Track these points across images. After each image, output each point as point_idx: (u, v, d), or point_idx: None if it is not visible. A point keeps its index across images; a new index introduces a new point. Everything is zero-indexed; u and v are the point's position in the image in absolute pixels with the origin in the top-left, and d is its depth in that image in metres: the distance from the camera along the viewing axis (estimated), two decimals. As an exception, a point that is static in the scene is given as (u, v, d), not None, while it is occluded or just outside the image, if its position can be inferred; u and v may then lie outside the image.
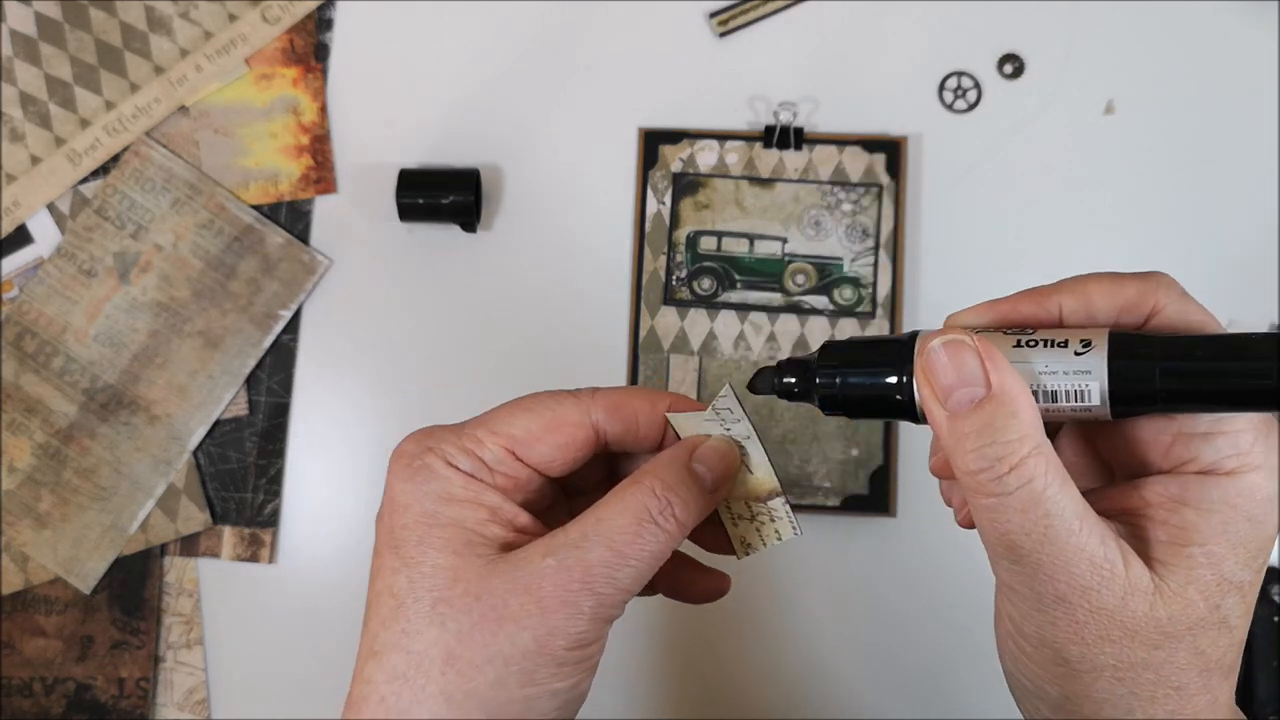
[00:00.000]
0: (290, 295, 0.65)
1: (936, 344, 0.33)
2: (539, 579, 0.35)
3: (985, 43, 0.66)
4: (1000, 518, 0.33)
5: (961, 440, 0.33)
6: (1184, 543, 0.33)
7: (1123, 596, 0.33)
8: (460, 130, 0.66)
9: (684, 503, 0.37)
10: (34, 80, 0.66)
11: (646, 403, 0.39)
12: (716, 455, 0.38)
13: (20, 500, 0.63)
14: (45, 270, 0.65)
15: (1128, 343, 0.33)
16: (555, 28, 0.67)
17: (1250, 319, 0.64)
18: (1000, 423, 0.32)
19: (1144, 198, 0.65)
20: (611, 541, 0.35)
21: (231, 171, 0.66)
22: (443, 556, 0.35)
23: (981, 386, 0.33)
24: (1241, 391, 0.31)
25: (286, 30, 0.66)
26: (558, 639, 0.35)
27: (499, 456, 0.37)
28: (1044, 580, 0.33)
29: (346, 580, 0.64)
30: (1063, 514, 0.32)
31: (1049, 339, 0.33)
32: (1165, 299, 0.34)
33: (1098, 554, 0.32)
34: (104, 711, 0.63)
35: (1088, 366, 0.32)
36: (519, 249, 0.65)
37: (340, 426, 0.65)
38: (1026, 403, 0.32)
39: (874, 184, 0.64)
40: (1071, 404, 0.33)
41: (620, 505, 0.36)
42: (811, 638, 0.63)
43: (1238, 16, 0.66)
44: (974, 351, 0.33)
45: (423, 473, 0.37)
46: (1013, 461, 0.32)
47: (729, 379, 0.63)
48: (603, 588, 0.35)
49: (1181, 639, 0.33)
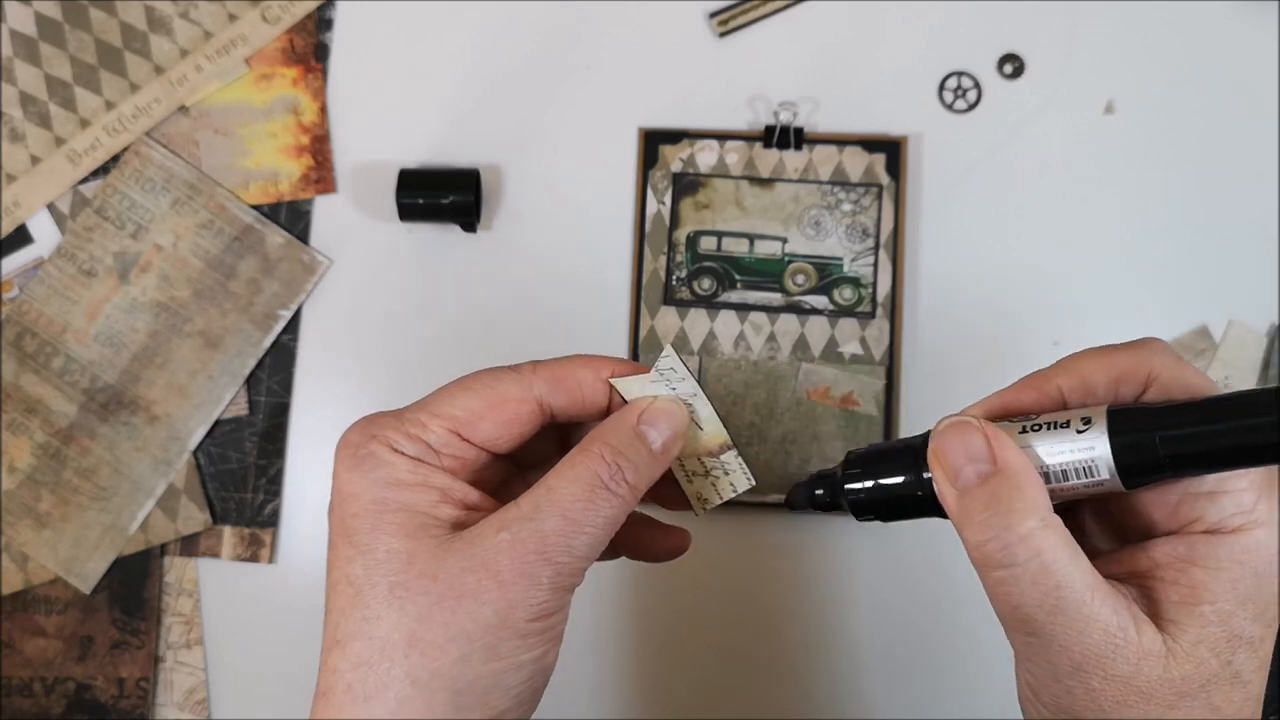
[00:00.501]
0: (290, 295, 0.65)
1: (944, 425, 0.35)
2: (494, 554, 0.35)
3: (985, 43, 0.66)
4: (1012, 590, 0.33)
5: (969, 514, 0.34)
6: (1194, 601, 0.34)
7: (1136, 662, 0.33)
8: (460, 130, 0.66)
9: (634, 466, 0.37)
10: (34, 80, 0.66)
11: (589, 371, 0.39)
12: (663, 415, 0.39)
13: (20, 500, 0.63)
14: (45, 270, 0.65)
15: (1125, 416, 0.34)
16: (555, 28, 0.67)
17: (1250, 319, 0.64)
18: (1005, 495, 0.33)
19: (1144, 198, 0.65)
20: (565, 510, 0.36)
21: (231, 171, 0.66)
22: (396, 541, 0.36)
23: (987, 463, 0.34)
24: (1242, 448, 0.32)
25: (286, 30, 0.66)
26: (518, 611, 0.35)
27: (443, 438, 0.38)
28: (1058, 651, 0.33)
29: (346, 580, 0.64)
30: (1073, 585, 0.33)
31: (1051, 421, 0.34)
32: (1160, 365, 0.35)
33: (1110, 623, 0.33)
34: (104, 711, 0.63)
35: (1090, 443, 0.34)
36: (519, 249, 0.65)
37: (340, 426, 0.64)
38: (1031, 477, 0.33)
39: (874, 184, 0.64)
40: (1083, 480, 0.34)
41: (571, 474, 0.36)
42: (811, 637, 0.63)
43: (1238, 16, 0.66)
44: (979, 431, 0.34)
45: (368, 461, 0.37)
46: (1020, 532, 0.33)
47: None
48: (559, 557, 0.35)
49: (1195, 696, 0.33)
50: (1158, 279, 0.64)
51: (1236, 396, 0.32)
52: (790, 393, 0.63)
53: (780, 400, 0.63)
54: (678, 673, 0.63)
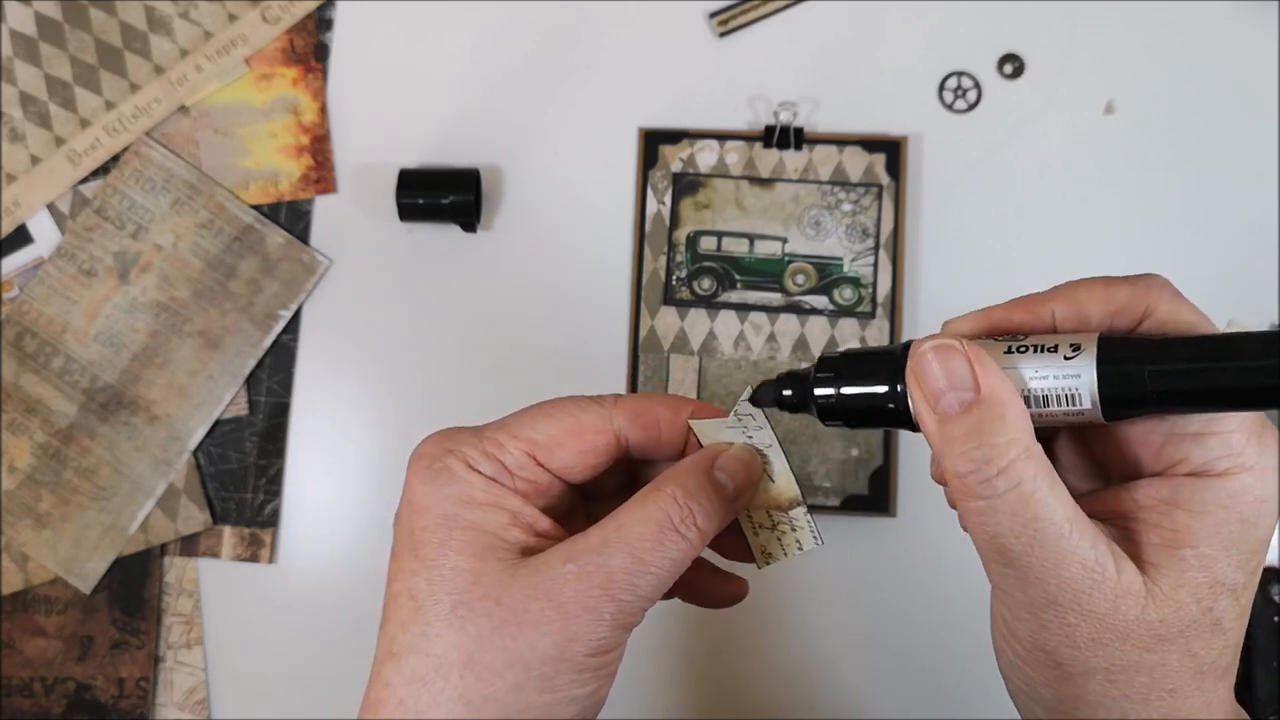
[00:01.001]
0: (290, 295, 0.65)
1: (926, 348, 0.34)
2: (560, 584, 0.35)
3: (985, 43, 0.66)
4: (989, 520, 0.33)
5: (950, 443, 0.33)
6: (1176, 545, 0.33)
7: (1114, 600, 0.33)
8: (460, 130, 0.66)
9: (705, 511, 0.37)
10: (34, 80, 0.66)
11: (669, 409, 0.39)
12: (739, 463, 0.38)
13: (20, 500, 0.63)
14: (45, 270, 0.65)
15: (1116, 345, 0.33)
16: (555, 28, 0.67)
17: (1250, 319, 0.64)
18: (988, 425, 0.32)
19: (1144, 198, 0.65)
20: (633, 548, 0.35)
21: (231, 171, 0.66)
22: (463, 559, 0.35)
23: (970, 390, 0.33)
24: (1232, 390, 0.31)
25: (286, 30, 0.66)
26: (578, 645, 0.34)
27: (520, 461, 0.37)
28: (1034, 584, 0.33)
29: (346, 580, 0.64)
30: (1052, 517, 0.32)
31: (1039, 344, 0.33)
32: (1158, 301, 0.34)
33: (1088, 557, 0.32)
34: (104, 711, 0.63)
35: (1077, 370, 0.33)
36: (519, 249, 0.65)
37: (340, 426, 0.65)
38: (1015, 406, 0.33)
39: (874, 184, 0.64)
40: (1063, 408, 0.33)
41: (642, 513, 0.36)
42: (812, 637, 0.63)
43: (1238, 16, 0.66)
44: (962, 356, 0.33)
45: (443, 475, 0.37)
46: (1001, 464, 0.32)
47: (748, 383, 0.63)
48: (624, 594, 0.35)
49: (1174, 641, 0.33)
50: (1158, 279, 0.64)
51: (1233, 337, 0.31)
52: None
53: (780, 400, 0.63)
54: (677, 672, 0.63)
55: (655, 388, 0.63)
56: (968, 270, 0.65)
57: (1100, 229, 0.65)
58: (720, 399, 0.63)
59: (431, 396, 0.65)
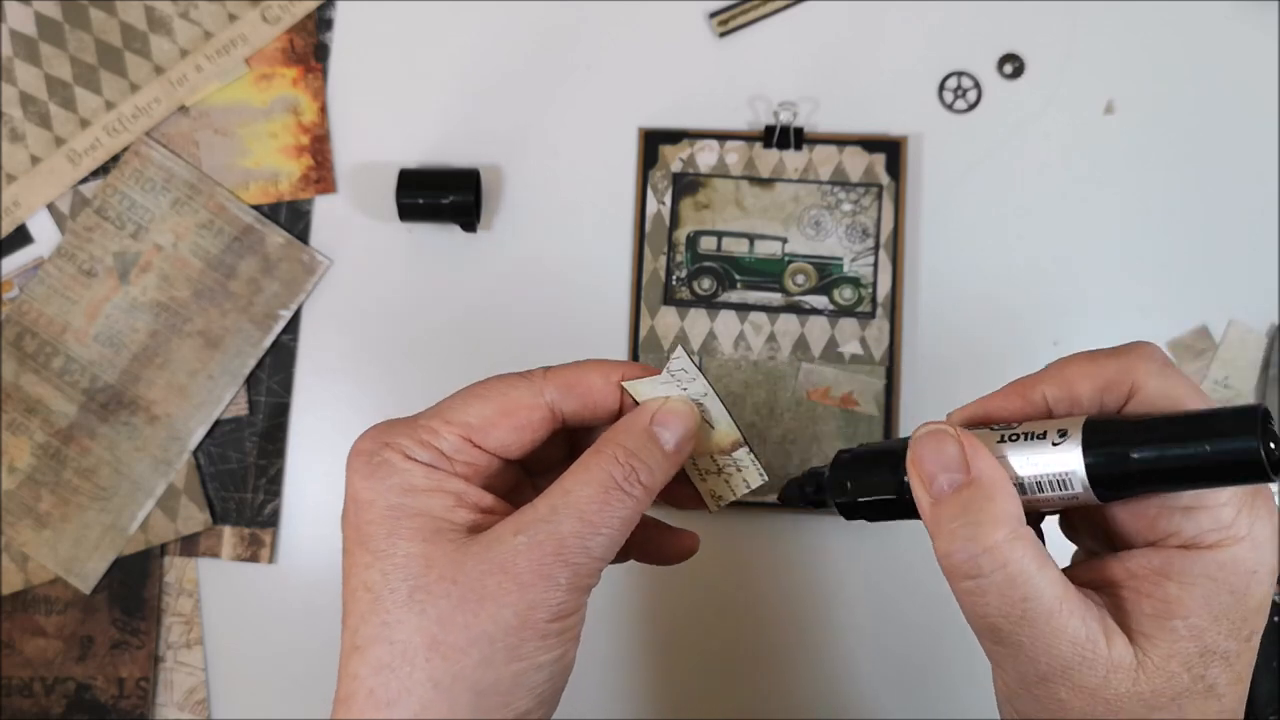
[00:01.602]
0: (290, 295, 0.65)
1: (922, 433, 0.35)
2: (513, 556, 0.35)
3: (985, 43, 0.66)
4: (979, 601, 0.33)
5: (940, 524, 0.34)
6: (1167, 615, 0.33)
7: (1105, 675, 0.33)
8: (460, 130, 0.66)
9: (648, 466, 0.37)
10: (34, 80, 0.66)
11: (600, 374, 0.40)
12: (675, 415, 0.39)
13: (20, 500, 0.63)
14: (45, 270, 0.65)
15: (1100, 429, 0.33)
16: (555, 28, 0.67)
17: (1250, 319, 0.64)
18: (976, 506, 0.33)
19: (1144, 198, 0.65)
20: (581, 512, 0.36)
21: (231, 171, 0.66)
22: (413, 545, 0.36)
23: (961, 473, 0.34)
24: (1214, 466, 0.32)
25: (286, 30, 0.66)
26: (538, 612, 0.35)
27: (456, 445, 0.38)
28: (1026, 661, 0.33)
29: (346, 580, 0.64)
30: (1041, 596, 0.33)
31: (1029, 432, 0.34)
32: (1145, 375, 0.34)
33: (1079, 634, 0.33)
34: (104, 711, 0.63)
35: (1064, 457, 0.33)
36: (519, 249, 0.65)
37: (340, 426, 0.65)
38: (1003, 489, 0.33)
39: (874, 184, 0.64)
40: (1057, 493, 0.34)
41: (586, 475, 0.37)
42: (811, 638, 0.63)
43: (1238, 16, 0.66)
44: (954, 440, 0.34)
45: (383, 468, 0.37)
46: (987, 544, 0.33)
47: (681, 345, 0.63)
48: (576, 558, 0.35)
49: (1166, 710, 0.33)
50: (1158, 279, 0.64)
51: (1209, 414, 0.32)
52: (790, 393, 0.63)
53: (780, 400, 0.63)
54: (677, 672, 0.63)
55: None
56: (968, 270, 0.65)
57: (1100, 229, 0.65)
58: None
59: (431, 396, 0.64)
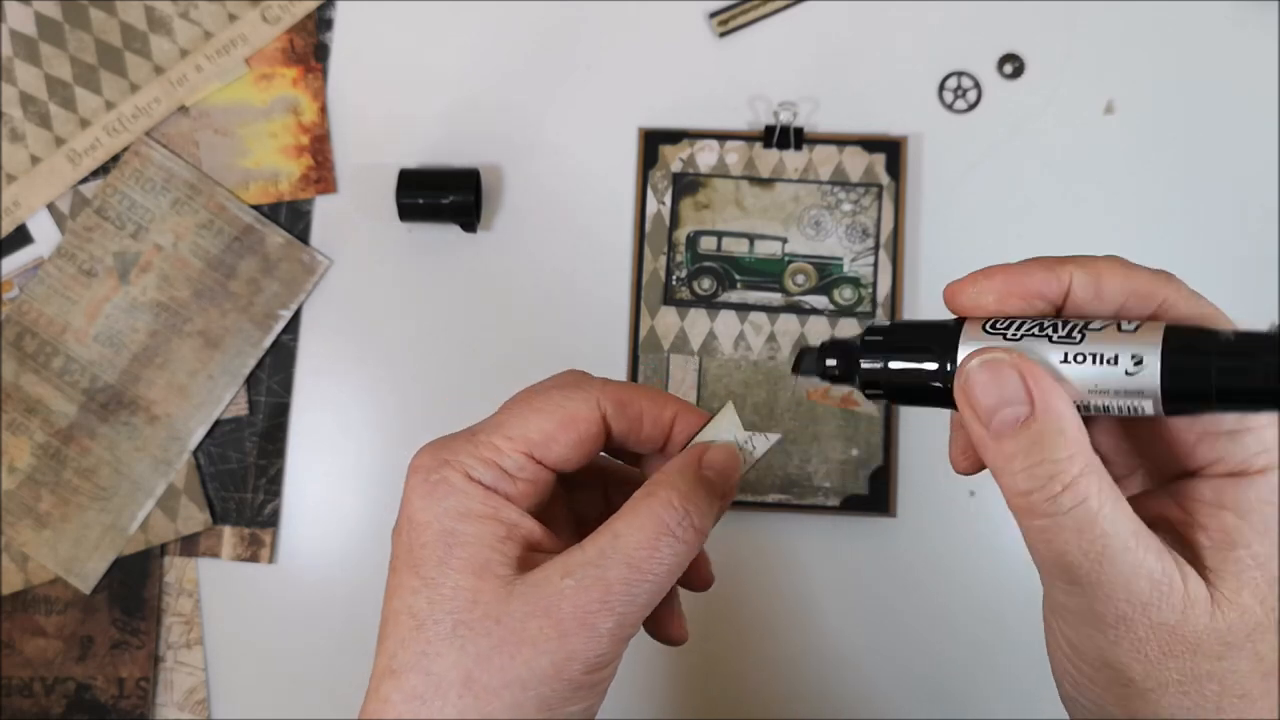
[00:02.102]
0: (290, 295, 0.65)
1: (975, 365, 0.32)
2: (558, 600, 0.35)
3: (985, 43, 0.66)
4: (1055, 538, 0.32)
5: (1009, 461, 0.32)
6: (1229, 547, 0.33)
7: (1183, 611, 0.32)
8: (460, 130, 0.66)
9: (700, 510, 0.36)
10: (34, 80, 0.66)
11: (653, 404, 0.39)
12: (724, 460, 0.38)
13: (20, 500, 0.63)
14: (45, 270, 0.65)
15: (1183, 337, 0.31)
16: (555, 28, 0.67)
17: (1250, 319, 0.64)
18: (1049, 442, 0.31)
19: (1144, 197, 0.65)
20: (630, 557, 0.35)
21: (231, 171, 0.66)
22: (463, 578, 0.35)
23: (1025, 404, 0.32)
24: None
25: (286, 30, 0.66)
26: (575, 664, 0.34)
27: (520, 463, 0.37)
28: (1103, 600, 0.32)
29: (346, 580, 0.64)
30: (1118, 532, 0.31)
31: (1097, 354, 0.32)
32: (1176, 294, 0.33)
33: (1155, 570, 0.32)
34: (104, 711, 0.63)
35: (1140, 385, 0.31)
36: (519, 249, 0.65)
37: (340, 426, 0.65)
38: (1073, 420, 0.32)
39: (874, 184, 0.64)
40: (1123, 414, 0.32)
41: (637, 520, 0.36)
42: (811, 638, 0.63)
43: (1237, 17, 0.66)
44: (1014, 370, 0.32)
45: (441, 488, 0.36)
46: (1065, 480, 0.31)
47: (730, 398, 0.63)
48: (622, 607, 0.35)
49: (1242, 647, 0.33)
50: (1158, 279, 0.64)
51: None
52: (790, 393, 0.63)
53: (780, 400, 0.63)
54: (677, 672, 0.63)
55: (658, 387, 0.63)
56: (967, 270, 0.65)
57: (1100, 229, 0.65)
58: (720, 398, 0.63)
59: (431, 396, 0.65)
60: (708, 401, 0.63)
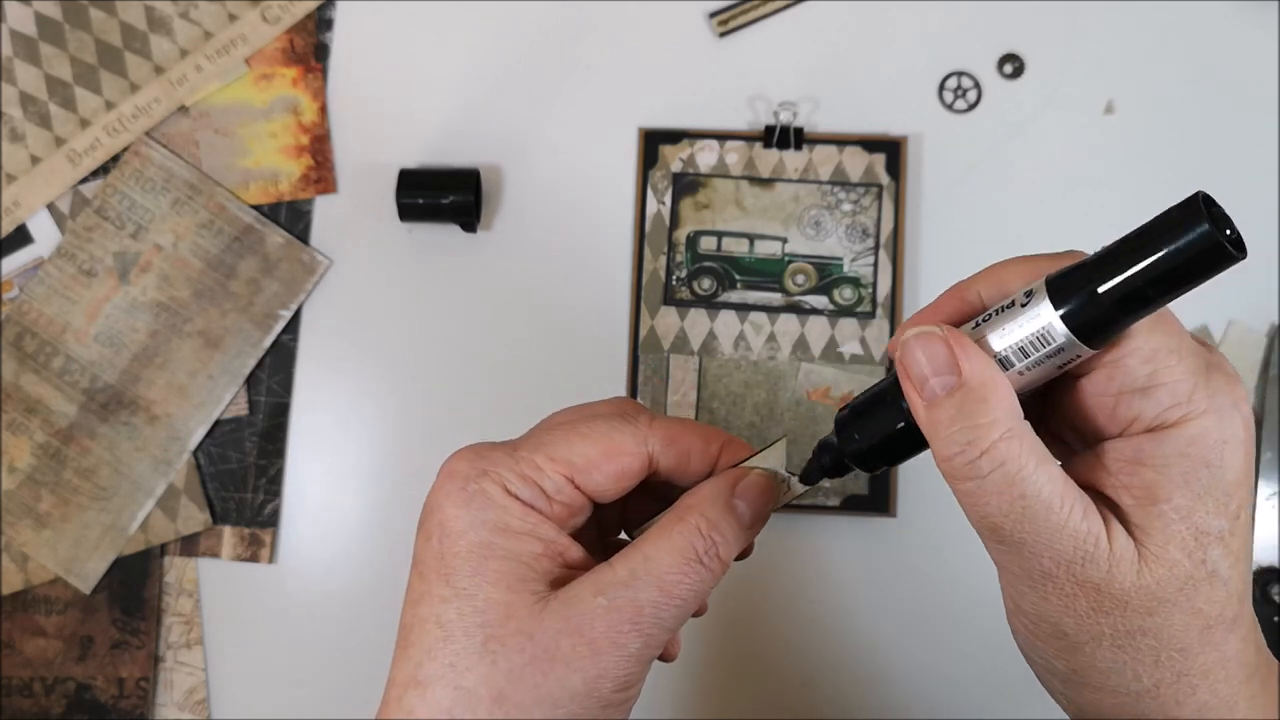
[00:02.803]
0: (290, 295, 0.65)
1: (908, 336, 0.34)
2: (591, 619, 0.34)
3: (985, 43, 0.66)
4: (979, 500, 0.33)
5: (936, 427, 0.33)
6: (1151, 501, 0.33)
7: (1109, 569, 0.33)
8: (460, 130, 0.66)
9: (727, 540, 0.37)
10: (34, 80, 0.66)
11: (701, 440, 0.39)
12: (758, 491, 0.38)
13: (20, 500, 0.63)
14: (45, 270, 0.65)
15: (1062, 276, 0.33)
16: (555, 28, 0.67)
17: (1250, 319, 0.64)
18: (971, 408, 0.32)
19: (1144, 198, 0.65)
20: (660, 581, 0.35)
21: (231, 171, 0.66)
22: (496, 591, 0.35)
23: (953, 374, 0.33)
24: (1179, 267, 0.32)
25: (286, 30, 0.66)
26: (606, 682, 0.34)
27: (558, 485, 0.37)
28: (1029, 558, 0.33)
29: (346, 580, 0.64)
30: (1040, 493, 0.32)
31: (997, 308, 0.34)
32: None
33: (1080, 528, 0.32)
34: (104, 711, 0.63)
35: (1037, 313, 0.33)
36: (519, 249, 0.65)
37: (340, 426, 0.65)
38: (998, 387, 0.33)
39: (874, 184, 0.64)
40: (1044, 351, 0.33)
41: (668, 544, 0.36)
42: (812, 638, 0.63)
43: (1238, 16, 0.66)
44: (942, 340, 0.33)
45: (479, 499, 0.36)
46: (983, 445, 0.32)
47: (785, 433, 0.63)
48: (650, 629, 0.35)
49: (1175, 602, 0.33)
50: (1158, 279, 0.64)
51: (1152, 222, 0.32)
52: (790, 393, 0.63)
53: (780, 400, 0.63)
54: (677, 672, 0.63)
55: (655, 388, 0.63)
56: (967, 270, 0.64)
57: (1100, 229, 0.64)
58: (720, 398, 0.63)
59: (431, 396, 0.65)
60: (707, 402, 0.63)
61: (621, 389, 0.64)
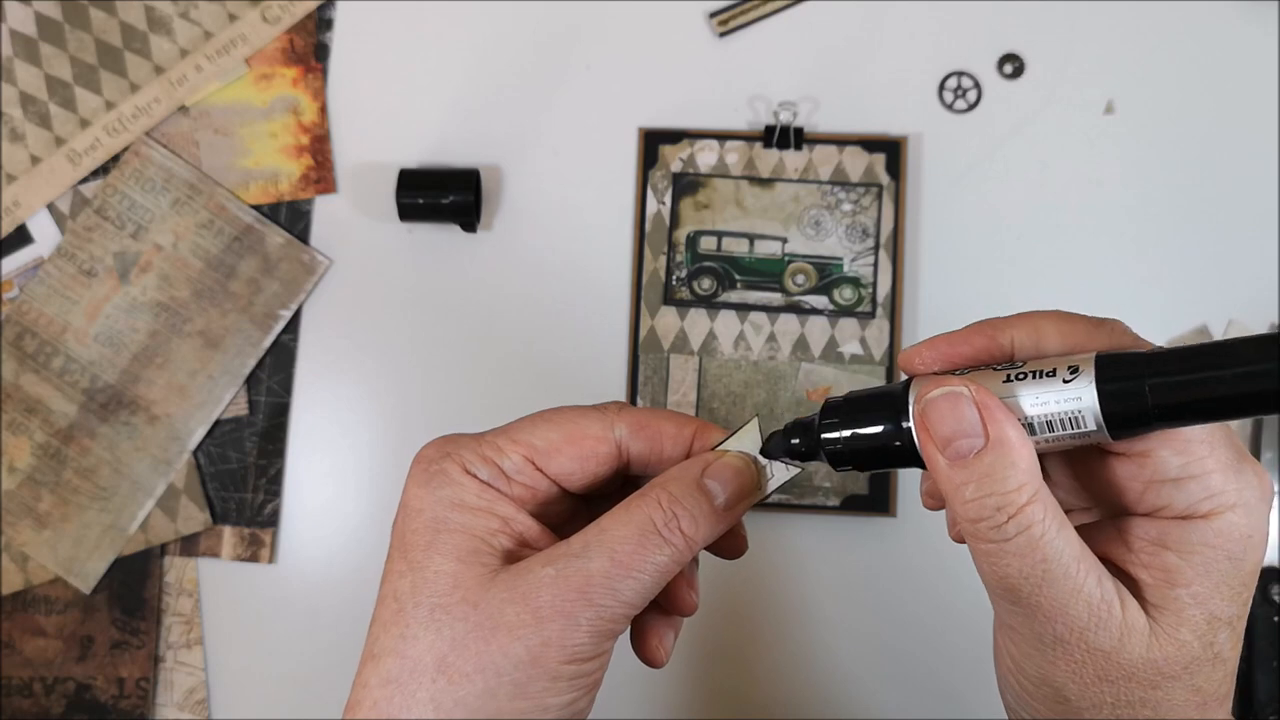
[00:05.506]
0: (290, 295, 0.65)
1: (934, 395, 0.34)
2: (537, 588, 0.35)
3: (985, 43, 0.66)
4: (999, 562, 0.33)
5: (960, 489, 0.33)
6: (1170, 585, 0.34)
7: (1119, 638, 0.33)
8: (460, 130, 0.66)
9: (691, 516, 0.36)
10: (34, 80, 0.66)
11: (673, 425, 0.39)
12: (730, 471, 0.38)
13: (20, 500, 0.63)
14: (45, 270, 0.65)
15: (1114, 362, 0.32)
16: (555, 28, 0.67)
17: (1250, 319, 0.64)
18: (999, 473, 0.32)
19: (1144, 198, 0.65)
20: (613, 551, 0.35)
21: (231, 171, 0.66)
22: (446, 563, 0.35)
23: (979, 436, 0.33)
24: (1231, 397, 0.31)
25: (286, 30, 0.66)
26: (552, 651, 0.34)
27: (518, 465, 0.37)
28: (1042, 621, 0.33)
29: (346, 580, 0.64)
30: (1060, 557, 0.33)
31: (1037, 370, 0.33)
32: (1119, 341, 0.34)
33: (1094, 596, 0.33)
34: (104, 711, 0.63)
35: (1078, 393, 0.32)
36: (519, 249, 0.65)
37: (340, 426, 0.65)
38: (1024, 451, 0.33)
39: (874, 184, 0.64)
40: (1069, 431, 0.33)
41: (625, 516, 0.36)
42: (812, 637, 0.63)
43: (1237, 16, 0.66)
44: (971, 402, 0.33)
45: (438, 478, 0.37)
46: (1011, 511, 0.32)
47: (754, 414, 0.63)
48: (602, 599, 0.35)
49: (1179, 679, 0.34)
50: (1158, 279, 0.64)
51: (1228, 344, 0.31)
52: (790, 393, 0.63)
53: (780, 400, 0.63)
54: (677, 671, 0.63)
55: (655, 388, 0.63)
56: (968, 270, 0.65)
57: (1100, 229, 0.65)
58: (720, 398, 0.63)
59: (431, 396, 0.65)
60: (707, 402, 0.63)
61: (621, 389, 0.64)
